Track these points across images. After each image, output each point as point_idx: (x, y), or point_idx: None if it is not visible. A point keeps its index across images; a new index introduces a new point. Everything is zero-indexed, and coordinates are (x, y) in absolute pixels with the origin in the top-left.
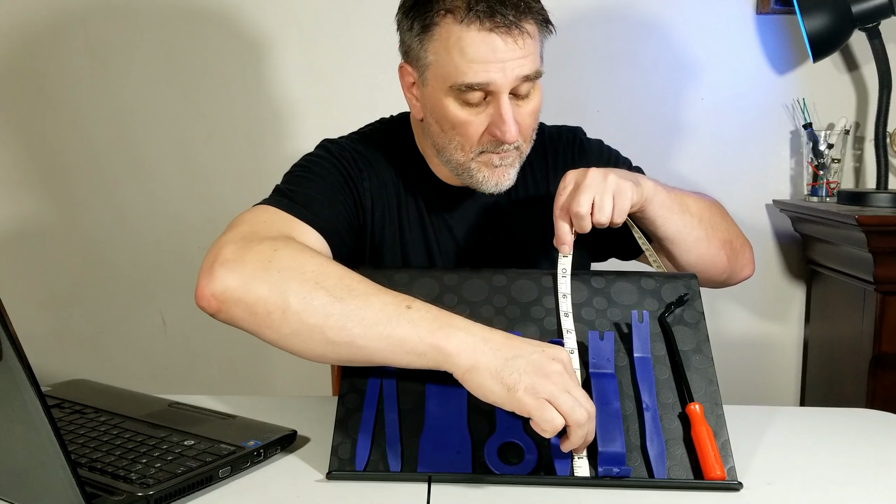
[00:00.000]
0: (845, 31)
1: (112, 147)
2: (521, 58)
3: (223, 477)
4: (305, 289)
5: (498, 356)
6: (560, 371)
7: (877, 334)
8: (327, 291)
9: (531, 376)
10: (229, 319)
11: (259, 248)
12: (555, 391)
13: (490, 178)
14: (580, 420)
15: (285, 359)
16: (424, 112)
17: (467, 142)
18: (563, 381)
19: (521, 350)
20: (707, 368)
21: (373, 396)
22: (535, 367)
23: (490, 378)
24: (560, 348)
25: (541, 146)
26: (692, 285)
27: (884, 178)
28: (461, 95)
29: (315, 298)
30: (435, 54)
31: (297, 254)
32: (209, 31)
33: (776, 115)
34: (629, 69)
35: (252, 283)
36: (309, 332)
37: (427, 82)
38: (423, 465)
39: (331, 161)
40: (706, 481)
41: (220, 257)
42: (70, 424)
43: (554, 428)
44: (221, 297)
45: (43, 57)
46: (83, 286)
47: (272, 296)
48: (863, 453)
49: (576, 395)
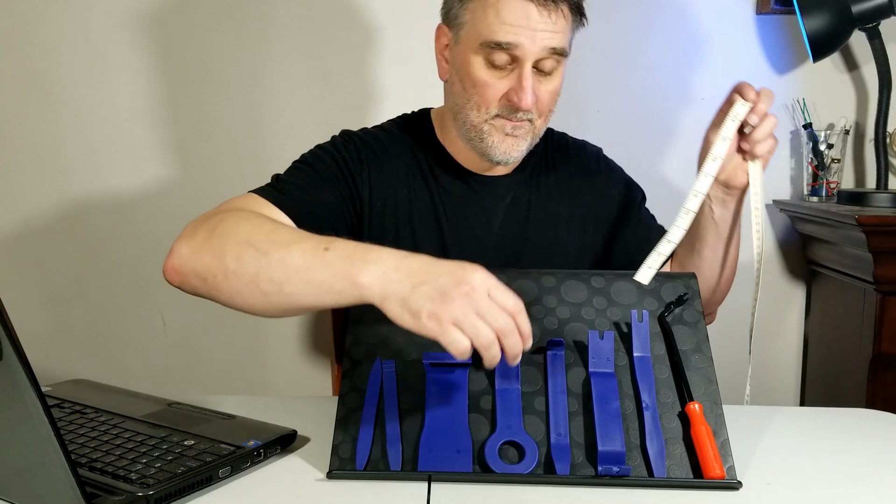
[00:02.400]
0: (845, 31)
1: (112, 147)
2: (552, 31)
3: (223, 477)
4: (238, 249)
5: (406, 284)
6: (466, 292)
7: (877, 334)
8: (255, 248)
9: (434, 303)
10: (191, 289)
11: (209, 222)
12: (458, 315)
13: (500, 146)
14: (485, 342)
15: (285, 359)
16: (451, 72)
17: (484, 102)
18: (469, 301)
19: (429, 276)
20: (706, 368)
21: (373, 396)
22: (440, 292)
23: (399, 306)
24: (475, 269)
25: (566, 151)
26: (692, 285)
27: (884, 178)
28: (489, 55)
29: (245, 256)
30: (472, 13)
31: (238, 220)
32: (209, 31)
33: (776, 115)
34: (629, 69)
35: (199, 252)
36: (247, 289)
37: (460, 40)
38: (423, 465)
39: (330, 152)
40: (706, 480)
41: (180, 235)
42: (70, 424)
43: (459, 351)
44: (179, 268)
45: (43, 57)
46: (83, 286)
47: (213, 261)
48: (863, 453)
49: (486, 316)
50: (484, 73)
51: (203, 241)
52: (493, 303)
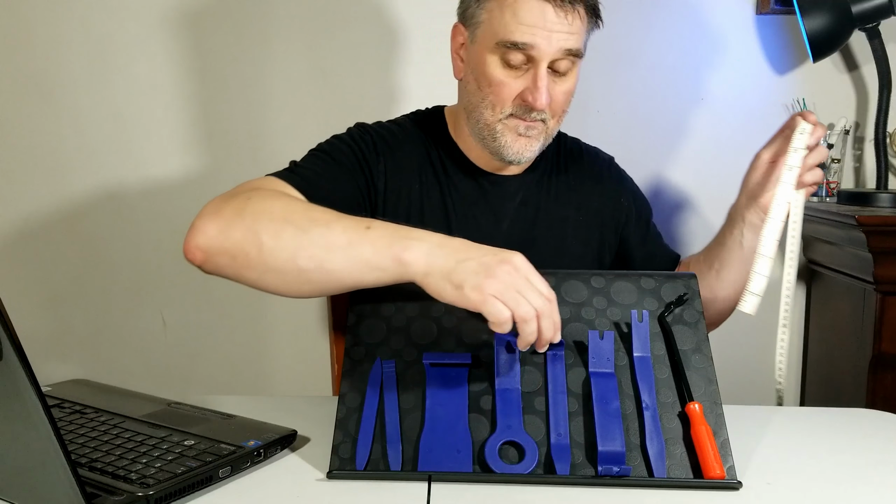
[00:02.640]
0: (845, 31)
1: (112, 147)
2: (568, 33)
3: (223, 477)
4: (275, 226)
5: (450, 259)
6: (509, 271)
7: (877, 334)
8: (294, 225)
9: (478, 276)
10: (214, 268)
11: (235, 200)
12: (500, 288)
13: (512, 146)
14: (525, 315)
15: (285, 359)
16: (466, 71)
17: (499, 102)
18: (511, 279)
19: (473, 253)
20: (706, 368)
21: (373, 396)
22: (485, 267)
23: (442, 279)
24: (515, 253)
25: (578, 156)
26: (692, 285)
27: (884, 178)
28: (505, 54)
29: (284, 232)
30: (489, 13)
31: (267, 198)
32: (209, 31)
33: (776, 115)
34: (629, 69)
35: (228, 230)
36: (283, 266)
37: (476, 40)
38: (423, 465)
39: (347, 142)
40: (706, 480)
41: (202, 213)
42: (70, 424)
43: (500, 320)
44: (204, 247)
45: (42, 56)
46: (83, 286)
47: (247, 237)
48: (863, 453)
49: (525, 294)
50: (499, 73)
51: (233, 218)
52: (533, 285)
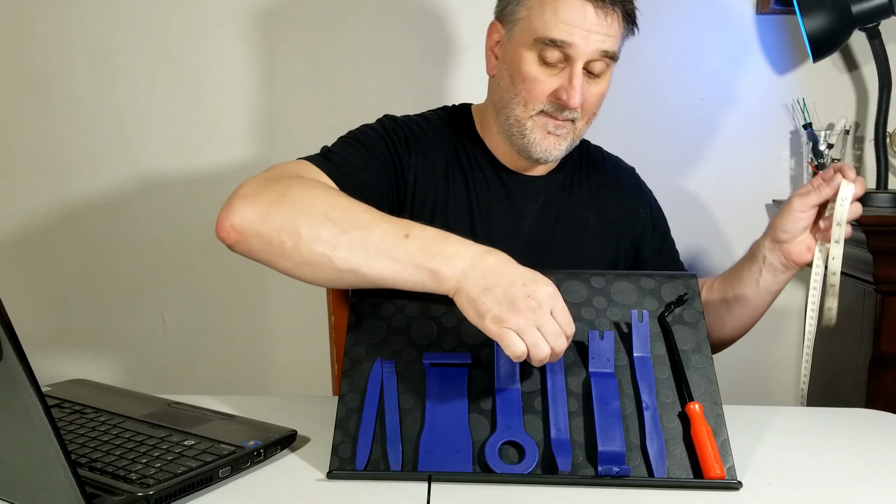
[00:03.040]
0: (845, 31)
1: (112, 147)
2: (605, 34)
3: (223, 477)
4: (315, 221)
5: (479, 285)
6: (533, 307)
7: (877, 334)
8: (334, 223)
9: (501, 307)
10: (246, 250)
11: (275, 186)
12: (521, 324)
13: (541, 143)
14: (539, 355)
15: (285, 359)
16: (500, 68)
17: (532, 98)
18: (533, 316)
19: (501, 280)
20: (706, 368)
21: (373, 396)
22: (509, 299)
23: (467, 303)
24: (543, 284)
25: (601, 163)
26: (692, 285)
27: (884, 178)
28: (542, 51)
29: (323, 230)
30: (529, 10)
31: (308, 188)
32: (209, 31)
33: (776, 115)
34: (629, 69)
35: (267, 216)
36: (318, 261)
37: (513, 36)
38: (423, 465)
39: (380, 133)
40: (706, 480)
41: (239, 193)
42: (70, 424)
43: (515, 355)
44: (240, 228)
45: (43, 57)
46: (83, 286)
47: (285, 227)
48: (863, 453)
49: (544, 331)
50: (535, 69)
51: (272, 204)
52: (555, 321)
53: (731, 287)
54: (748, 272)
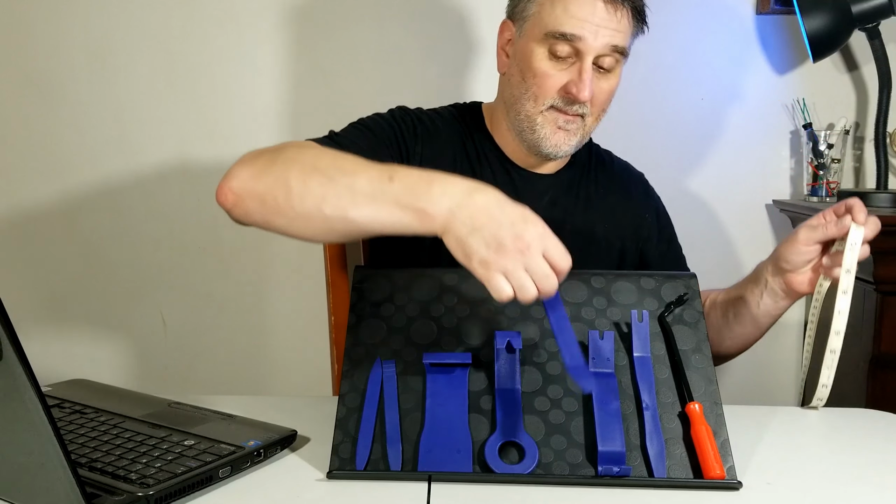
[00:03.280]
0: (845, 31)
1: (112, 147)
2: (615, 29)
3: (223, 477)
4: (304, 173)
5: (466, 225)
6: (521, 248)
7: (877, 334)
8: (321, 172)
9: (488, 250)
10: (244, 213)
11: (269, 150)
12: (508, 267)
13: (551, 138)
14: (528, 297)
15: (285, 359)
16: (511, 65)
17: (542, 93)
18: (521, 258)
19: (490, 221)
20: (706, 368)
21: (373, 396)
22: (497, 241)
23: (455, 243)
24: (535, 222)
25: (610, 167)
26: (692, 285)
27: (884, 178)
28: (552, 46)
29: (312, 180)
30: (540, 6)
31: (299, 149)
32: (209, 31)
33: (776, 115)
34: (629, 69)
35: (261, 176)
36: (309, 212)
37: (524, 33)
38: (423, 465)
39: (389, 121)
40: (706, 480)
41: (238, 161)
42: (70, 424)
43: (501, 298)
44: (237, 189)
45: (42, 56)
46: (83, 286)
47: (277, 183)
48: (863, 453)
49: (533, 272)
50: (545, 64)
51: (266, 165)
52: (545, 262)
53: (733, 305)
54: (750, 293)
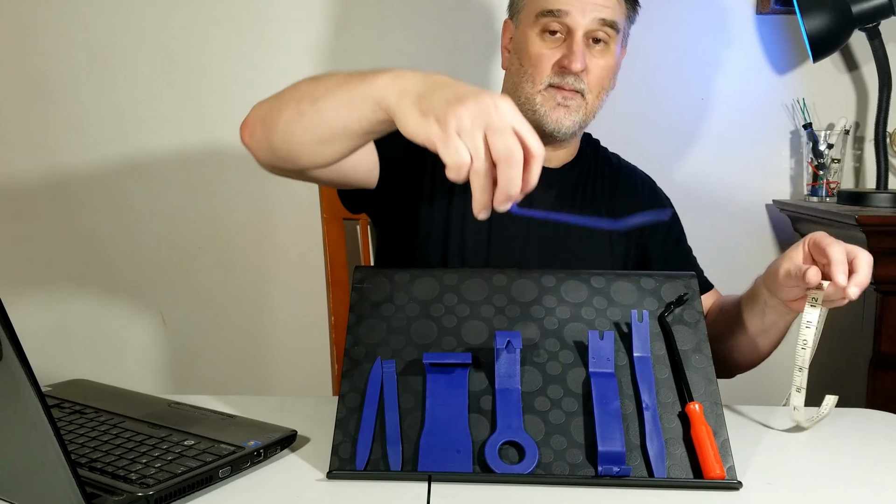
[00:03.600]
0: (845, 31)
1: (112, 147)
2: (603, 5)
3: (223, 477)
4: (293, 89)
5: (426, 83)
6: (486, 106)
7: (877, 334)
8: (308, 81)
9: (449, 105)
10: (254, 139)
11: None
12: (465, 123)
13: (551, 114)
14: (478, 167)
15: (285, 359)
16: (511, 59)
17: (538, 73)
18: (485, 115)
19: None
20: (707, 368)
21: (373, 396)
22: (458, 97)
23: (411, 103)
24: (504, 97)
25: (617, 168)
26: (692, 285)
27: (884, 178)
28: (544, 25)
29: (299, 86)
30: None
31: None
32: (209, 31)
33: (776, 115)
34: (629, 69)
35: (266, 103)
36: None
37: (520, 23)
38: (423, 465)
39: None
40: (706, 480)
41: None
42: (70, 424)
43: (456, 163)
44: (249, 121)
45: (42, 56)
46: (83, 286)
47: (273, 102)
48: (863, 453)
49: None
50: (538, 46)
51: (273, 98)
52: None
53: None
54: (754, 305)
